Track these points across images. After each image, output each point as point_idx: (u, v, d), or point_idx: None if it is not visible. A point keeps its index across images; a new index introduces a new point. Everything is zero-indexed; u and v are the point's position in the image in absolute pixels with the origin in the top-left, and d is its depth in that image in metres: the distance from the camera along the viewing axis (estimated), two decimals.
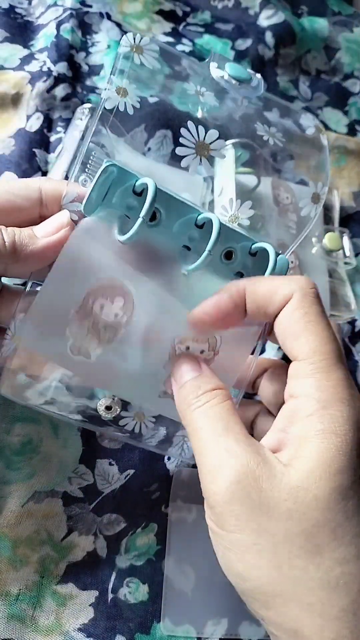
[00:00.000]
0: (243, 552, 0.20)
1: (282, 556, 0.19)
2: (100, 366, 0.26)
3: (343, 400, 0.21)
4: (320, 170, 0.31)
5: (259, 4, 0.55)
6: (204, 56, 0.50)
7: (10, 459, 0.31)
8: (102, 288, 0.25)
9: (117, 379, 0.27)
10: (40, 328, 0.25)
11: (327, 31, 0.56)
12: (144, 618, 0.31)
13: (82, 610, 0.30)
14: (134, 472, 0.33)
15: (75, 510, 0.32)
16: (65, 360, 0.26)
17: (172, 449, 0.31)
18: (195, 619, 0.31)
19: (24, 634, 0.28)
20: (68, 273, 0.25)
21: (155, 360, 0.26)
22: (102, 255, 0.25)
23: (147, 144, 0.41)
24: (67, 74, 0.43)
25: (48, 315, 0.25)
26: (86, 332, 0.25)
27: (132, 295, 0.26)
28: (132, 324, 0.26)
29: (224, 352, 0.27)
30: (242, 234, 0.27)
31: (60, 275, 0.25)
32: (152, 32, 0.50)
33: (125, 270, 0.25)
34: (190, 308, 0.26)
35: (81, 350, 0.26)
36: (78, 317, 0.25)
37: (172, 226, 0.25)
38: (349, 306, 0.43)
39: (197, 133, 0.26)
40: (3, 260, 0.24)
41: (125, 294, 0.26)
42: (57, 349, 0.26)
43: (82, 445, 0.33)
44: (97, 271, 0.25)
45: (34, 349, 0.26)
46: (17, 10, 0.48)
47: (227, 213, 0.29)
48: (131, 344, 0.26)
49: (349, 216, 0.49)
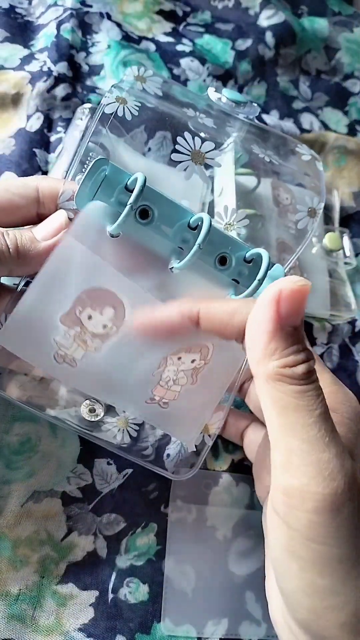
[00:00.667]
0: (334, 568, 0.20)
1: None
2: (85, 374, 0.26)
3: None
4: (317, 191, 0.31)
5: (259, 4, 0.55)
6: (204, 56, 0.50)
7: (10, 459, 0.31)
8: (91, 297, 0.25)
9: (102, 385, 0.27)
10: (23, 333, 0.25)
11: (327, 31, 0.56)
12: (144, 618, 0.31)
13: (83, 610, 0.30)
14: (132, 472, 0.33)
15: (75, 510, 0.32)
16: (48, 367, 0.26)
17: (172, 446, 0.31)
18: (196, 619, 0.31)
19: (24, 634, 0.28)
20: (55, 280, 0.24)
21: (144, 368, 0.26)
22: (93, 263, 0.25)
23: (147, 144, 0.41)
24: (67, 74, 0.43)
25: (32, 321, 0.25)
26: (72, 341, 0.25)
27: (124, 306, 0.25)
28: (122, 335, 0.26)
29: (215, 361, 0.27)
30: (236, 240, 0.27)
31: (47, 282, 0.24)
32: (152, 32, 0.50)
33: (118, 279, 0.25)
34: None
35: (66, 359, 0.26)
36: (64, 326, 0.25)
37: (165, 226, 0.25)
38: (349, 306, 0.43)
39: (193, 143, 0.26)
40: (8, 265, 0.25)
41: (116, 304, 0.25)
42: (40, 356, 0.25)
43: (80, 444, 0.33)
44: (86, 279, 0.25)
45: (16, 353, 0.26)
46: (17, 10, 0.48)
47: (222, 221, 0.29)
48: (120, 353, 0.26)
49: (349, 216, 0.49)
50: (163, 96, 0.29)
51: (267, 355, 0.21)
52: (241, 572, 0.33)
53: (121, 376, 0.26)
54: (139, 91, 0.28)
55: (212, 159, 0.27)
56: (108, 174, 0.24)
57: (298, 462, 0.20)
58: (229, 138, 0.34)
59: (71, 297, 0.25)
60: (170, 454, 0.33)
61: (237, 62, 0.51)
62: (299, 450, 0.20)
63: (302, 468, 0.20)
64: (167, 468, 0.32)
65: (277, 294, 0.20)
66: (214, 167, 0.39)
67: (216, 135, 0.31)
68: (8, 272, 0.25)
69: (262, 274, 0.25)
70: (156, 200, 0.25)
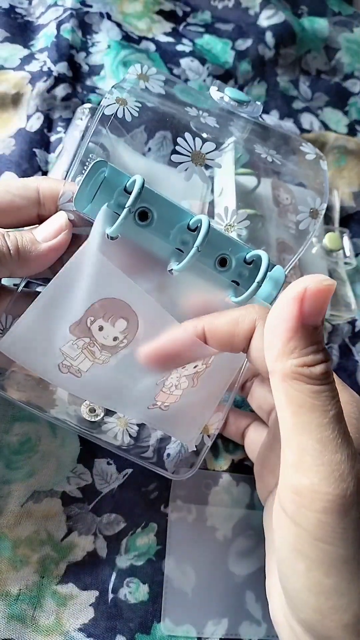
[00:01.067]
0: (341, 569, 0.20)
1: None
2: (89, 384, 0.26)
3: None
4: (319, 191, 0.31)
5: (259, 4, 0.55)
6: (204, 56, 0.50)
7: (10, 459, 0.31)
8: (105, 308, 0.24)
9: (106, 395, 0.26)
10: (27, 341, 0.24)
11: (327, 31, 0.56)
12: (144, 618, 0.31)
13: (83, 610, 0.30)
14: (132, 472, 0.33)
15: (75, 510, 0.32)
16: (51, 376, 0.25)
17: (172, 445, 0.31)
18: (196, 619, 0.31)
19: (24, 634, 0.28)
20: (68, 287, 0.24)
21: (150, 379, 0.26)
22: (109, 272, 0.24)
23: (147, 144, 0.41)
24: (67, 74, 0.43)
25: (38, 329, 0.24)
26: (79, 352, 0.25)
27: (138, 319, 0.25)
28: (133, 347, 0.25)
29: (215, 363, 0.27)
30: (236, 242, 0.26)
31: (60, 288, 0.24)
32: (152, 32, 0.50)
33: (135, 291, 0.24)
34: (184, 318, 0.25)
35: (71, 370, 0.25)
36: (73, 336, 0.25)
37: (164, 228, 0.25)
38: (349, 306, 0.43)
39: (193, 144, 0.26)
40: (8, 267, 0.25)
41: (130, 317, 0.25)
42: (43, 365, 0.25)
43: (79, 444, 0.33)
44: (101, 289, 0.24)
45: (18, 360, 0.25)
46: (18, 10, 0.48)
47: (222, 222, 0.29)
48: (128, 367, 0.25)
49: (349, 216, 0.49)
50: (166, 95, 0.29)
51: (286, 353, 0.21)
52: (241, 572, 0.33)
53: (126, 388, 0.26)
54: (140, 90, 0.28)
55: (213, 159, 0.27)
56: (107, 176, 0.24)
57: (310, 461, 0.20)
58: (231, 137, 0.34)
59: (84, 306, 0.24)
60: (170, 453, 0.33)
61: (237, 62, 0.51)
62: (312, 449, 0.20)
63: (314, 468, 0.20)
64: (167, 468, 0.32)
65: (301, 291, 0.20)
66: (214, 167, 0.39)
67: (218, 135, 0.31)
68: (9, 273, 0.25)
69: (262, 276, 0.25)
70: (155, 202, 0.25)
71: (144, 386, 0.26)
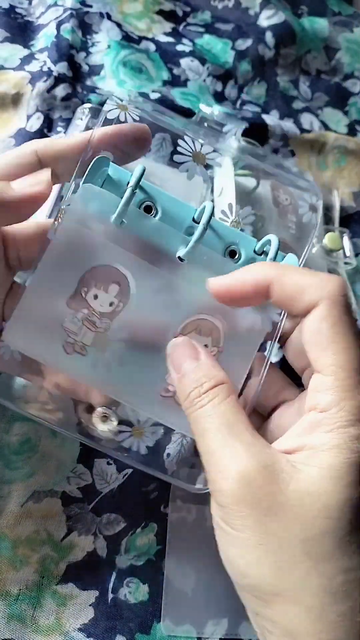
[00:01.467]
0: (246, 550, 0.20)
1: (285, 559, 0.20)
2: (96, 362, 0.26)
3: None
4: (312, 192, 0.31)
5: (259, 4, 0.55)
6: (204, 56, 0.50)
7: (10, 459, 0.31)
8: (95, 276, 0.25)
9: (114, 379, 0.26)
10: (30, 326, 0.25)
11: (327, 31, 0.56)
12: (144, 618, 0.31)
13: (82, 610, 0.30)
14: (132, 472, 0.33)
15: (75, 510, 0.32)
16: (58, 360, 0.26)
17: (171, 445, 0.31)
18: (196, 619, 0.31)
19: (24, 634, 0.29)
20: (57, 265, 0.25)
21: (154, 357, 0.26)
22: (93, 243, 0.25)
23: None
24: (67, 74, 0.43)
25: (38, 311, 0.25)
26: (80, 324, 0.25)
27: (128, 279, 0.25)
28: (130, 311, 0.26)
29: (229, 350, 0.27)
30: (244, 234, 0.27)
31: (49, 268, 0.25)
32: (152, 32, 0.50)
33: (118, 253, 0.25)
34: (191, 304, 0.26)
35: (75, 347, 0.26)
36: (71, 310, 0.25)
37: (169, 222, 0.26)
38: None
39: (193, 145, 0.27)
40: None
41: (120, 279, 0.25)
42: (49, 348, 0.25)
43: (79, 444, 0.33)
44: (88, 259, 0.25)
45: (23, 350, 0.25)
46: (17, 10, 0.48)
47: (228, 219, 0.29)
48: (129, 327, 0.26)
49: (349, 216, 0.49)
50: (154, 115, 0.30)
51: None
52: None
53: (132, 366, 0.26)
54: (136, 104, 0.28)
55: (213, 159, 0.27)
56: (110, 173, 0.25)
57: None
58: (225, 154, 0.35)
59: (75, 279, 0.25)
60: (170, 453, 0.33)
61: (237, 62, 0.51)
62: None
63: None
64: (167, 468, 0.32)
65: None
66: (214, 167, 0.39)
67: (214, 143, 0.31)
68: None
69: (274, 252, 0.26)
70: (159, 198, 0.25)
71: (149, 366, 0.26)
